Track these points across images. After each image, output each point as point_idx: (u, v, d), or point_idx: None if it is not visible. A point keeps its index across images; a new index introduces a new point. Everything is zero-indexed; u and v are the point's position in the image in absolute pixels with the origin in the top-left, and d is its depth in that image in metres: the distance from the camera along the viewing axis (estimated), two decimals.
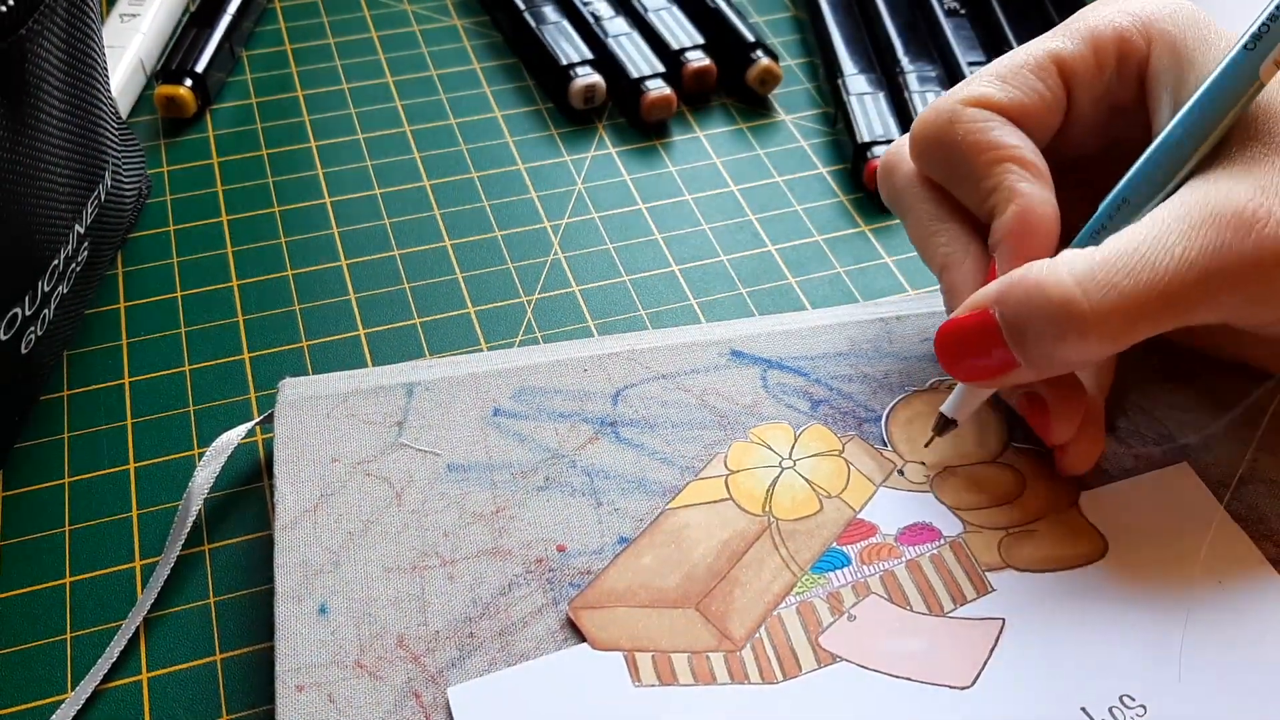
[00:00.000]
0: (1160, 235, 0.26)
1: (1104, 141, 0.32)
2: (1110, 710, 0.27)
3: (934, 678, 0.28)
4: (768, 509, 0.31)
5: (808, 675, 0.28)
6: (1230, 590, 0.30)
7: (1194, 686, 0.28)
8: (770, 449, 0.32)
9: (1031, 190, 0.29)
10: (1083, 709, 0.27)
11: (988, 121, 0.30)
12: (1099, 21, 0.31)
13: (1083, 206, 0.31)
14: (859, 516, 0.31)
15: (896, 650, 0.28)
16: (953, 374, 0.30)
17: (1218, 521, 0.31)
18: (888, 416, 0.33)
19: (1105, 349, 0.27)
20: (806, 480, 0.32)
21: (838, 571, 0.30)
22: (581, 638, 0.28)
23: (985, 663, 0.28)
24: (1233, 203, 0.26)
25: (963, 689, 0.28)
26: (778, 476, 0.32)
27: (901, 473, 0.32)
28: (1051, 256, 0.28)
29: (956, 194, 0.31)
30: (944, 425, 0.32)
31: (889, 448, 0.33)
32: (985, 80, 0.31)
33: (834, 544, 0.30)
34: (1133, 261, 0.26)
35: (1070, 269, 0.27)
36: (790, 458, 0.32)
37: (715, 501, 0.31)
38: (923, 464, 0.32)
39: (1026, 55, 0.31)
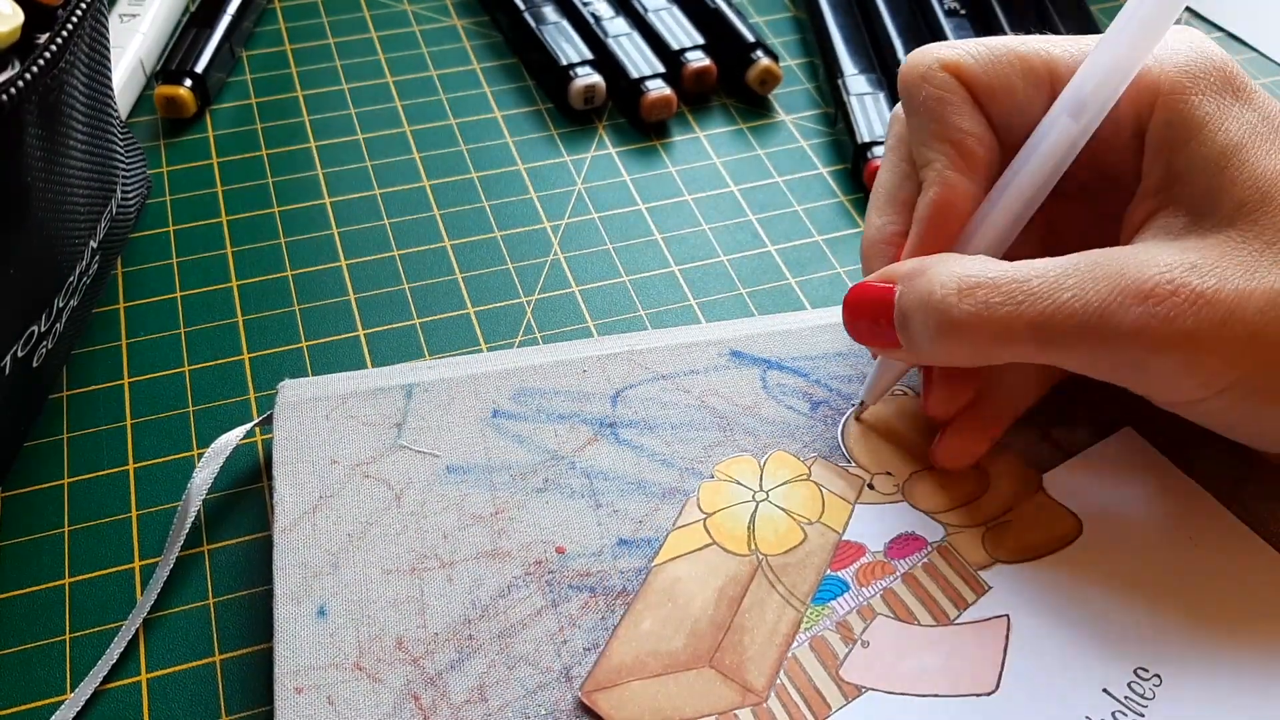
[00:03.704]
0: (1060, 275, 0.27)
1: (1095, 165, 0.30)
2: (1129, 686, 0.28)
3: (959, 689, 0.28)
4: (753, 547, 0.30)
5: (838, 713, 0.27)
6: (1205, 549, 0.30)
7: (1197, 647, 0.28)
8: (740, 484, 0.32)
9: (955, 182, 0.30)
10: (1104, 690, 0.27)
11: (950, 94, 0.30)
12: None
13: (1078, 217, 0.31)
14: (844, 538, 0.31)
15: (916, 669, 0.28)
16: (850, 332, 0.31)
17: (1176, 482, 0.32)
18: (843, 432, 0.33)
19: (974, 357, 0.29)
20: (784, 510, 0.31)
21: (839, 599, 0.29)
22: None
23: (1003, 663, 0.28)
24: (1141, 271, 0.26)
25: (989, 694, 0.28)
26: (755, 511, 0.31)
27: (871, 486, 0.32)
28: (954, 244, 0.30)
29: (909, 140, 0.32)
30: (860, 408, 0.34)
31: (852, 463, 0.33)
32: (973, 50, 0.30)
33: (828, 571, 0.30)
34: (1019, 289, 0.27)
35: (964, 275, 0.28)
36: (761, 489, 0.32)
37: (699, 549, 0.30)
38: (889, 474, 0.32)
39: (1025, 50, 0.30)
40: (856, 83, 0.47)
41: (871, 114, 0.46)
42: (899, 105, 0.32)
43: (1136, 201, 0.29)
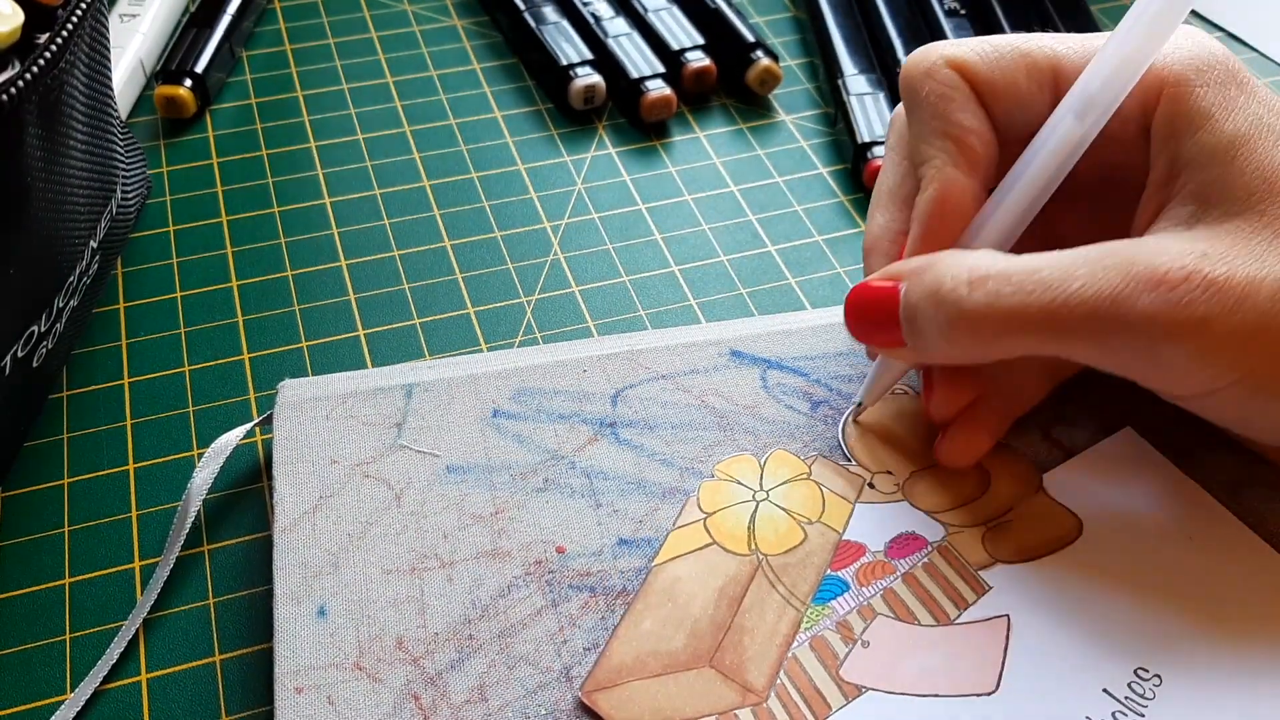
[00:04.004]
0: (1070, 265, 0.27)
1: (1101, 163, 0.30)
2: (1129, 686, 0.27)
3: (960, 689, 0.28)
4: (753, 547, 0.30)
5: (839, 713, 0.27)
6: (1205, 549, 0.30)
7: (1197, 647, 0.28)
8: (740, 484, 0.32)
9: (953, 178, 0.30)
10: (1104, 690, 0.27)
11: (954, 91, 0.30)
12: None
13: (1083, 221, 0.31)
14: (844, 538, 0.31)
15: (916, 669, 0.28)
16: (852, 331, 0.31)
17: (1176, 482, 0.32)
18: (843, 431, 0.33)
19: (984, 351, 0.28)
20: (784, 510, 0.31)
21: (839, 599, 0.29)
22: None
23: (1003, 663, 0.28)
24: (1152, 259, 0.26)
25: (989, 694, 0.28)
26: (755, 510, 0.31)
27: (872, 485, 0.32)
28: (957, 241, 0.30)
29: (909, 134, 0.32)
30: (858, 409, 0.33)
31: (853, 462, 0.33)
32: (977, 47, 0.30)
33: (828, 570, 0.30)
34: (1030, 279, 0.27)
35: (973, 266, 0.28)
36: (762, 488, 0.32)
37: (699, 549, 0.30)
38: (890, 473, 0.32)
39: (1030, 48, 0.30)
40: (856, 83, 0.47)
41: (871, 114, 0.46)
42: (900, 104, 0.32)
43: (1146, 196, 0.29)
